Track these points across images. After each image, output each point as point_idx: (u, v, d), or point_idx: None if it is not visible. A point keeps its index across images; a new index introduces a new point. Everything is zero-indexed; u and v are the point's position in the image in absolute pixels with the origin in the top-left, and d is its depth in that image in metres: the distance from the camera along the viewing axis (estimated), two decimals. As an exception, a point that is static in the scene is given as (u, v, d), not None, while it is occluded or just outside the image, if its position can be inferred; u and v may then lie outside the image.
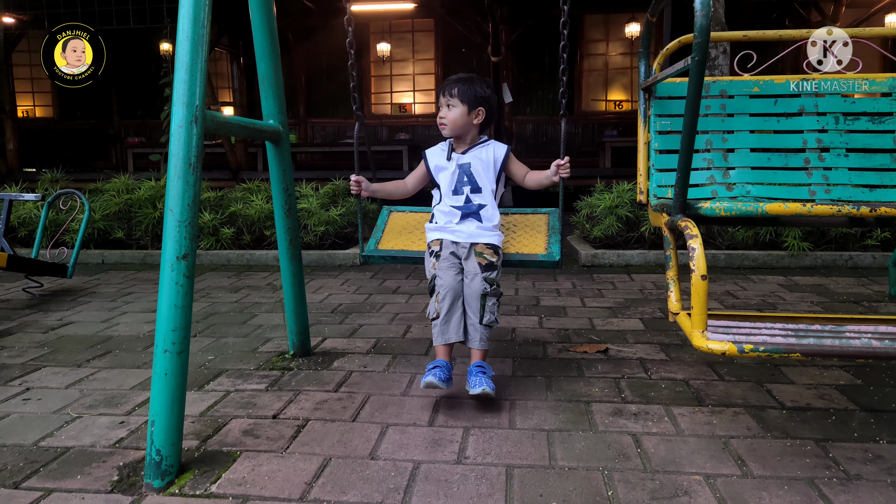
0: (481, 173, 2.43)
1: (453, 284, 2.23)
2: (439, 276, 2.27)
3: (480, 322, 2.20)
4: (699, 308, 1.58)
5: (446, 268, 2.28)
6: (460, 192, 2.43)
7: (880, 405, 2.11)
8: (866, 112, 2.30)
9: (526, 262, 2.46)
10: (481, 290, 2.22)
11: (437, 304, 2.23)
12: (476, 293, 2.22)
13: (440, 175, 2.48)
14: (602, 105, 11.74)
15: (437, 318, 2.21)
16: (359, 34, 11.54)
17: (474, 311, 2.21)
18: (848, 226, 2.01)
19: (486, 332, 2.22)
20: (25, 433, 1.98)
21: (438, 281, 2.26)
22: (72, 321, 3.40)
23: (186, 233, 1.71)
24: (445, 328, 2.20)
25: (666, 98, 2.36)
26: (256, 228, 5.47)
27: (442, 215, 2.44)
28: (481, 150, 2.45)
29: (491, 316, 2.22)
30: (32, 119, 12.94)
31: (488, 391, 2.05)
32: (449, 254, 2.33)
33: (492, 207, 2.42)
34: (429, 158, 2.52)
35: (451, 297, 2.21)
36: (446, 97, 2.41)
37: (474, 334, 2.22)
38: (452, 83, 2.41)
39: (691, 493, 1.59)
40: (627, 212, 5.11)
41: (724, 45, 5.37)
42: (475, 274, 2.26)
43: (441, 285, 2.24)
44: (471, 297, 2.23)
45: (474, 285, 2.23)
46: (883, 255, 4.68)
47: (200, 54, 1.74)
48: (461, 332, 2.21)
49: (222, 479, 1.68)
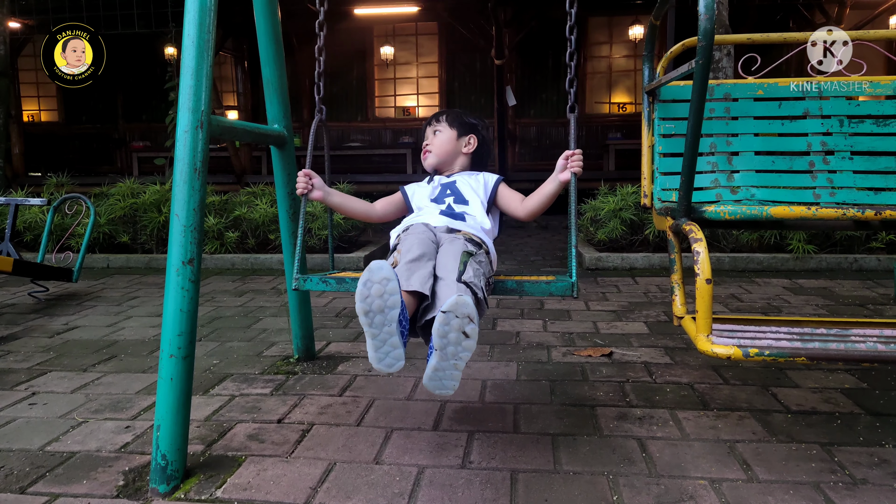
0: (468, 189, 2.04)
1: (424, 240, 1.71)
2: (405, 238, 1.77)
3: (459, 279, 1.59)
4: (704, 312, 1.58)
5: (416, 233, 1.78)
6: (441, 201, 2.01)
7: (886, 409, 2.11)
8: (871, 115, 2.29)
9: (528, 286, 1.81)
10: (462, 248, 1.70)
11: (396, 255, 1.71)
12: (455, 251, 1.68)
13: (417, 193, 2.11)
14: (606, 108, 11.74)
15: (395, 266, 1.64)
16: (362, 37, 11.64)
17: (450, 269, 1.62)
18: (853, 229, 2.00)
19: (466, 293, 1.54)
20: (31, 438, 1.99)
21: (404, 239, 1.76)
22: (77, 325, 3.41)
23: (192, 237, 1.72)
24: (406, 275, 1.59)
25: (670, 101, 2.36)
26: (261, 232, 5.48)
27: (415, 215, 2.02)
28: (470, 175, 2.11)
29: (474, 276, 1.62)
30: (38, 123, 12.99)
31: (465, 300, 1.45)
32: (421, 224, 1.87)
33: (482, 218, 1.97)
34: (407, 188, 2.16)
35: (419, 250, 1.67)
36: (433, 125, 2.15)
37: (446, 292, 1.56)
38: (439, 113, 2.17)
39: (696, 497, 1.58)
40: (632, 215, 5.11)
41: (729, 47, 5.36)
42: (455, 238, 1.77)
43: (405, 241, 1.74)
44: (446, 255, 1.67)
45: (454, 245, 1.71)
46: (888, 257, 4.66)
47: (206, 59, 1.74)
48: (428, 286, 1.60)
49: (227, 484, 1.68)
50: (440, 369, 1.50)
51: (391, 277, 1.47)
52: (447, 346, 1.47)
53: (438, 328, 1.45)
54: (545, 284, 1.80)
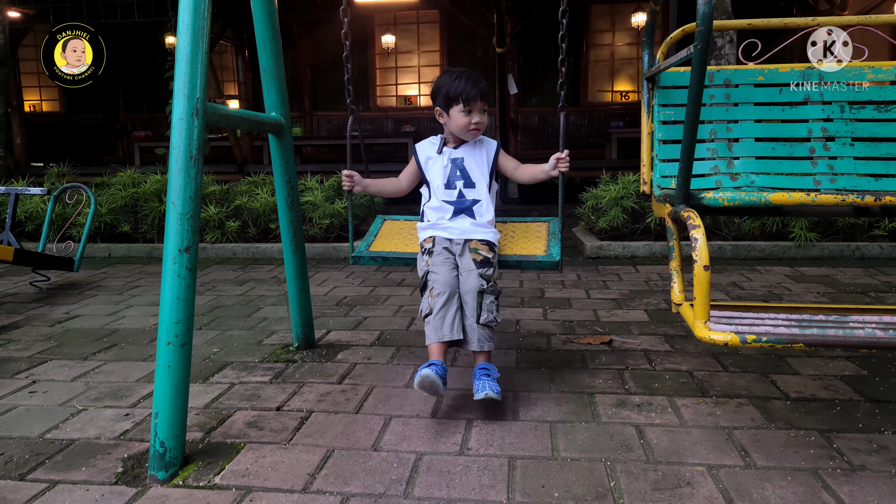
0: (475, 168, 2.32)
1: (448, 279, 2.12)
2: (433, 271, 2.15)
3: (478, 322, 2.07)
4: (702, 299, 1.57)
5: (440, 262, 2.17)
6: (453, 185, 2.31)
7: (886, 396, 2.10)
8: (872, 101, 2.28)
9: (524, 262, 2.32)
10: (477, 286, 2.10)
11: (430, 299, 2.10)
12: (472, 289, 2.10)
13: (431, 169, 2.36)
14: (608, 96, 11.69)
15: (430, 315, 2.08)
16: (363, 26, 11.58)
17: (471, 310, 2.09)
18: (853, 215, 1.99)
19: (487, 333, 2.09)
20: (31, 425, 2.00)
21: (432, 276, 2.14)
22: (78, 314, 3.42)
23: (188, 225, 1.71)
24: (440, 324, 2.05)
25: (670, 87, 2.34)
26: (262, 221, 5.48)
27: (433, 212, 2.33)
28: (473, 146, 2.35)
29: (489, 315, 2.09)
30: (39, 113, 12.99)
31: (492, 395, 1.93)
32: (442, 249, 2.23)
33: (486, 203, 2.31)
34: (419, 152, 2.41)
35: (446, 292, 2.09)
36: (483, 102, 2.27)
37: (472, 336, 2.08)
38: (485, 87, 2.28)
39: (694, 483, 1.58)
40: (633, 203, 5.09)
41: (731, 34, 5.33)
42: (470, 270, 2.15)
43: (435, 280, 2.12)
44: (466, 293, 2.11)
45: (469, 281, 2.12)
46: (891, 245, 4.64)
47: (201, 46, 1.73)
48: (458, 330, 2.06)
49: (226, 471, 1.69)
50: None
51: (435, 380, 1.91)
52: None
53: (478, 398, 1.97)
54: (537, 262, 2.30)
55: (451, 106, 2.27)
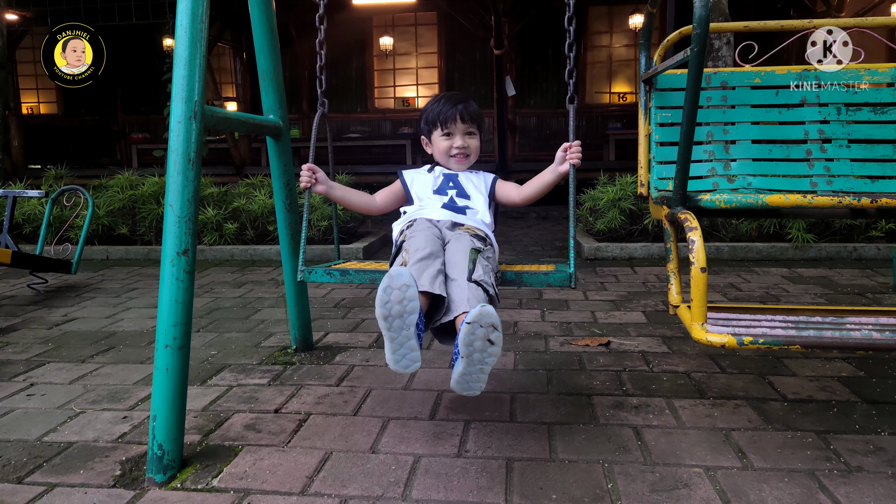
0: (470, 185, 2.07)
1: (430, 238, 1.74)
2: (410, 236, 1.78)
3: (468, 278, 1.63)
4: (699, 300, 1.58)
5: (421, 229, 1.81)
6: (444, 192, 2.03)
7: (882, 397, 2.11)
8: (869, 102, 2.28)
9: (525, 275, 1.85)
10: (470, 245, 1.73)
11: (405, 254, 1.72)
12: (463, 248, 1.72)
13: (418, 182, 2.10)
14: (606, 97, 11.70)
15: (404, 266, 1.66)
16: (361, 28, 11.60)
17: (460, 268, 1.65)
18: (850, 217, 2.00)
19: (480, 293, 1.61)
20: (29, 428, 2.00)
21: (409, 241, 1.75)
22: (76, 317, 3.42)
23: (186, 228, 1.71)
24: (418, 274, 1.61)
25: (667, 90, 2.35)
26: (260, 223, 5.48)
27: (416, 207, 2.04)
28: (469, 172, 2.13)
29: (484, 274, 1.65)
30: (37, 116, 12.97)
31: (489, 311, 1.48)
32: (426, 220, 1.89)
33: (483, 213, 2.00)
34: (405, 174, 2.15)
35: (427, 248, 1.69)
36: (467, 123, 2.04)
37: (460, 295, 1.59)
38: (470, 107, 2.05)
39: (691, 485, 1.59)
40: (631, 205, 5.10)
41: (728, 36, 5.34)
42: (461, 235, 1.80)
43: (412, 239, 1.75)
44: (455, 253, 1.71)
45: (461, 242, 1.74)
46: (887, 246, 4.66)
47: (199, 49, 1.73)
48: (440, 285, 1.61)
49: (224, 474, 1.69)
50: (467, 374, 1.54)
51: (410, 284, 1.50)
52: (473, 353, 1.50)
53: (464, 338, 1.48)
54: (543, 275, 1.83)
55: (432, 131, 2.09)
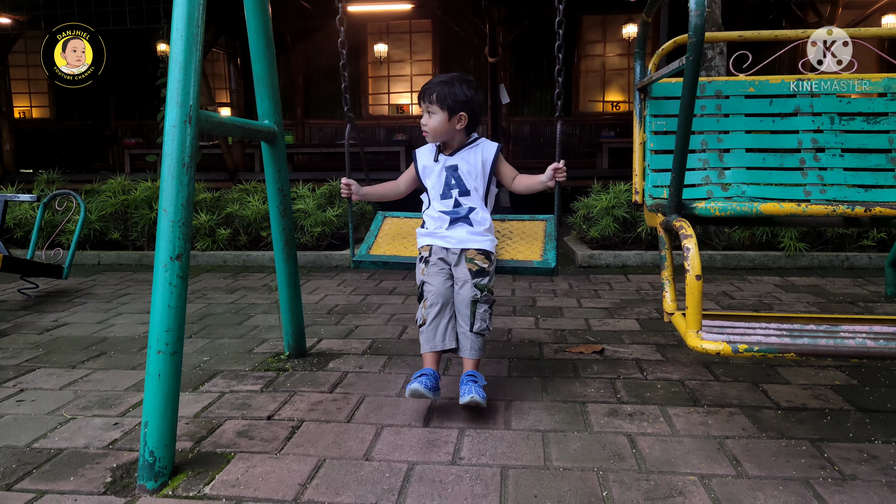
0: (469, 176, 2.32)
1: (442, 290, 2.16)
2: (428, 281, 2.19)
3: (471, 330, 2.12)
4: (694, 308, 1.58)
5: (435, 273, 2.20)
6: (448, 195, 2.32)
7: (875, 405, 2.11)
8: (862, 112, 2.30)
9: (521, 269, 2.38)
10: (471, 296, 2.14)
11: (424, 310, 2.16)
12: (465, 300, 2.14)
13: (428, 177, 2.38)
14: (600, 106, 11.75)
15: (424, 325, 2.14)
16: (356, 35, 11.61)
17: (464, 318, 2.13)
18: (843, 226, 2.01)
19: (479, 341, 2.14)
20: (19, 435, 1.97)
21: (427, 287, 2.18)
22: (67, 322, 3.39)
23: (180, 233, 1.70)
24: (432, 335, 2.12)
25: (661, 98, 2.36)
26: (253, 229, 5.46)
27: (432, 220, 2.34)
28: (470, 152, 2.34)
29: (482, 324, 2.14)
30: (29, 120, 12.91)
31: (477, 399, 1.97)
32: (438, 259, 2.25)
33: (482, 210, 2.31)
34: (418, 158, 2.43)
35: (439, 303, 2.14)
36: (425, 103, 2.28)
37: (465, 343, 2.13)
38: (432, 87, 2.27)
39: (686, 493, 1.58)
40: (624, 212, 5.11)
41: (721, 45, 5.37)
42: (465, 281, 2.17)
43: (429, 291, 2.17)
44: (461, 304, 2.15)
45: (464, 292, 2.16)
46: (879, 255, 4.68)
47: (195, 54, 1.73)
48: (451, 339, 2.13)
49: (216, 481, 1.67)
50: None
51: (425, 393, 1.98)
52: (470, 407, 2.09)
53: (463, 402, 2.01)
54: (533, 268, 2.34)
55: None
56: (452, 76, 2.29)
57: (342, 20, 2.36)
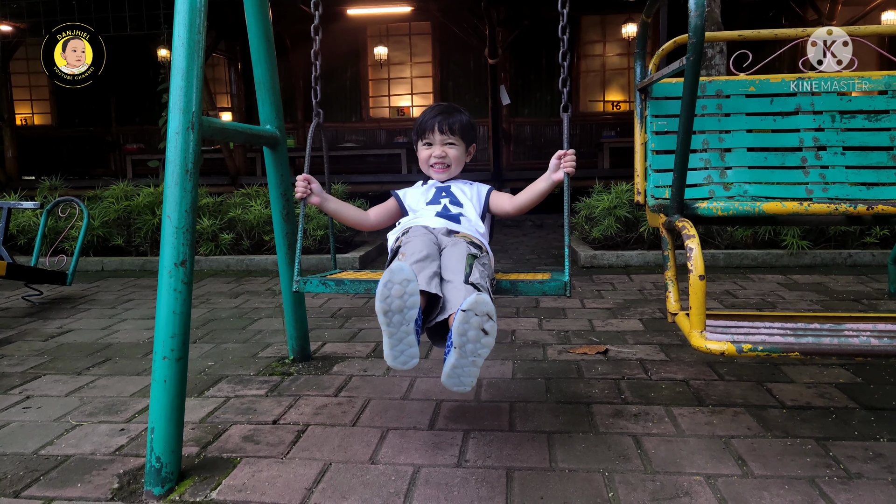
0: (463, 194, 2.09)
1: (427, 242, 1.75)
2: (406, 241, 1.79)
3: (466, 281, 1.64)
4: (697, 308, 1.58)
5: (418, 235, 1.81)
6: (437, 202, 2.06)
7: (880, 403, 2.11)
8: (863, 110, 2.30)
9: (521, 284, 1.85)
10: (466, 250, 1.74)
11: (401, 257, 1.72)
12: (460, 253, 1.73)
13: (411, 196, 2.14)
14: (600, 106, 11.75)
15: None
16: (356, 38, 11.63)
17: (456, 272, 1.66)
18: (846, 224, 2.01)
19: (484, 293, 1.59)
20: (25, 442, 1.98)
21: (406, 245, 1.76)
22: (71, 329, 3.40)
23: (184, 239, 1.71)
24: (416, 272, 1.60)
25: (662, 98, 2.36)
26: (255, 233, 5.47)
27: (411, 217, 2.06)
28: (462, 183, 2.15)
29: (480, 278, 1.66)
30: (31, 126, 12.93)
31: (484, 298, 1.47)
32: (421, 227, 1.90)
33: (476, 221, 2.02)
34: (400, 192, 2.19)
35: (423, 251, 1.71)
36: (446, 134, 2.06)
37: (455, 296, 1.59)
38: (453, 119, 2.05)
39: (692, 493, 1.58)
40: (626, 212, 5.12)
41: (721, 44, 5.37)
42: (457, 241, 1.81)
43: (408, 243, 1.76)
44: (451, 258, 1.71)
45: (457, 248, 1.75)
46: (882, 252, 4.68)
47: (196, 60, 1.74)
48: (436, 286, 1.63)
49: (222, 486, 1.68)
50: (458, 367, 1.51)
51: (411, 278, 1.50)
52: (466, 343, 1.48)
53: (458, 326, 1.46)
54: (538, 284, 1.83)
55: (417, 142, 2.15)
56: (451, 106, 2.12)
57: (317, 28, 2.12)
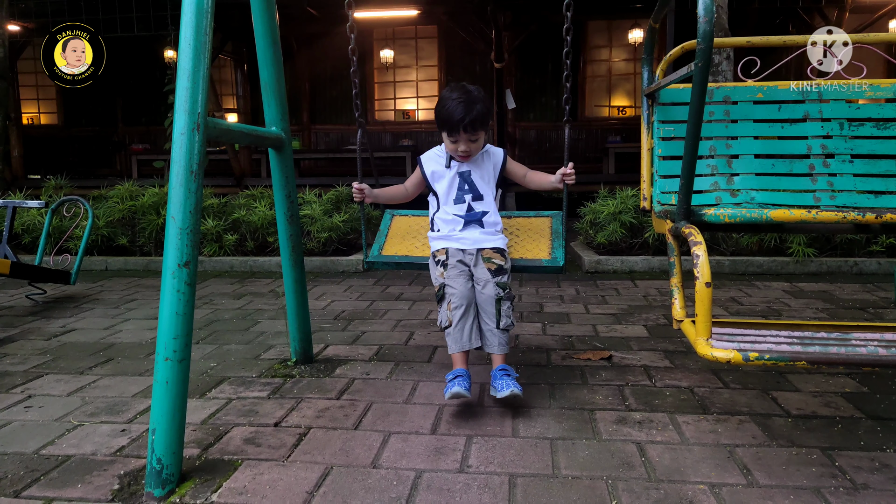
0: (482, 181, 2.42)
1: (465, 292, 2.23)
2: (449, 284, 2.25)
3: (498, 327, 2.21)
4: (703, 315, 1.57)
5: (455, 275, 2.27)
6: (461, 200, 2.41)
7: (887, 413, 2.09)
8: (871, 118, 2.29)
9: (529, 267, 2.48)
10: (495, 294, 2.22)
11: (448, 312, 2.22)
12: (490, 298, 2.22)
13: (438, 182, 2.45)
14: (605, 111, 11.74)
15: (450, 327, 2.21)
16: (362, 41, 11.63)
17: (490, 316, 2.21)
18: (853, 232, 2.00)
19: (505, 337, 2.23)
20: (27, 441, 1.98)
21: (449, 290, 2.24)
22: (74, 328, 3.40)
23: (188, 240, 1.70)
24: (459, 335, 2.19)
25: (669, 104, 2.35)
26: (260, 235, 5.47)
27: (444, 224, 2.42)
28: (480, 157, 2.43)
29: (507, 320, 2.22)
30: (37, 126, 12.99)
31: (517, 392, 2.06)
32: (457, 262, 2.31)
33: (493, 213, 2.42)
34: (425, 165, 2.49)
35: (463, 304, 2.20)
36: (469, 133, 2.29)
37: (493, 339, 2.22)
38: (474, 114, 2.24)
39: (696, 502, 1.57)
40: (631, 218, 5.10)
41: (728, 50, 5.36)
42: (486, 280, 2.25)
43: (452, 293, 2.23)
44: (485, 303, 2.23)
45: (487, 291, 2.23)
46: (888, 261, 4.65)
47: (203, 61, 1.73)
48: (476, 338, 2.22)
49: (223, 489, 1.67)
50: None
51: (465, 394, 2.08)
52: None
53: (498, 394, 2.12)
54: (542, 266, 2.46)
55: (441, 130, 2.36)
56: (469, 92, 2.27)
57: (352, 27, 2.41)
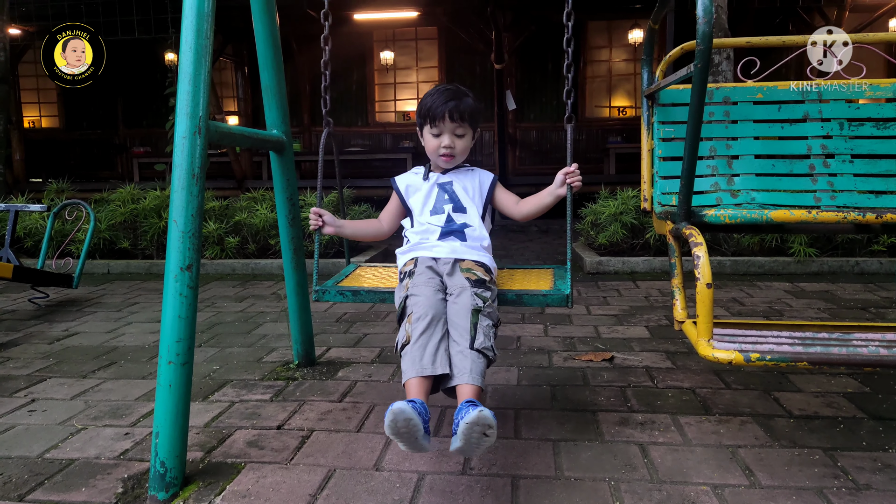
0: (465, 193, 2.03)
1: (431, 301, 1.73)
2: (413, 293, 1.78)
3: (471, 347, 1.65)
4: (705, 316, 1.57)
5: (422, 283, 1.80)
6: (440, 210, 2.00)
7: (889, 413, 2.10)
8: (871, 118, 2.29)
9: (525, 296, 1.93)
10: (471, 305, 1.72)
11: (408, 325, 1.70)
12: (464, 308, 1.71)
13: (413, 196, 2.07)
14: (606, 111, 11.74)
15: (407, 344, 1.66)
16: (362, 42, 11.66)
17: (462, 331, 1.67)
18: (854, 232, 2.00)
19: (480, 362, 1.64)
20: (30, 445, 1.98)
21: (412, 299, 1.76)
22: (77, 332, 3.41)
23: (190, 243, 1.71)
24: (419, 354, 1.62)
25: (669, 105, 2.35)
26: (261, 237, 5.48)
27: (416, 234, 2.01)
28: (464, 174, 2.08)
29: (485, 339, 1.67)
30: (38, 129, 13.00)
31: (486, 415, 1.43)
32: (426, 268, 1.87)
33: (479, 228, 1.99)
34: (398, 182, 2.11)
35: (429, 315, 1.69)
36: (456, 122, 1.95)
37: (462, 363, 1.62)
38: (461, 103, 1.95)
39: (699, 503, 1.57)
40: (632, 219, 5.10)
41: (728, 51, 5.36)
42: (462, 288, 1.78)
43: (415, 303, 1.74)
44: (457, 314, 1.71)
45: (462, 300, 1.74)
46: (890, 260, 4.65)
47: (204, 65, 1.74)
48: (442, 362, 1.63)
49: (227, 491, 1.67)
50: (464, 450, 1.49)
51: (412, 417, 1.45)
52: (470, 441, 1.47)
53: (462, 432, 1.45)
54: (542, 297, 1.93)
55: (423, 125, 2.02)
56: (459, 89, 2.01)
57: (327, 14, 2.15)
